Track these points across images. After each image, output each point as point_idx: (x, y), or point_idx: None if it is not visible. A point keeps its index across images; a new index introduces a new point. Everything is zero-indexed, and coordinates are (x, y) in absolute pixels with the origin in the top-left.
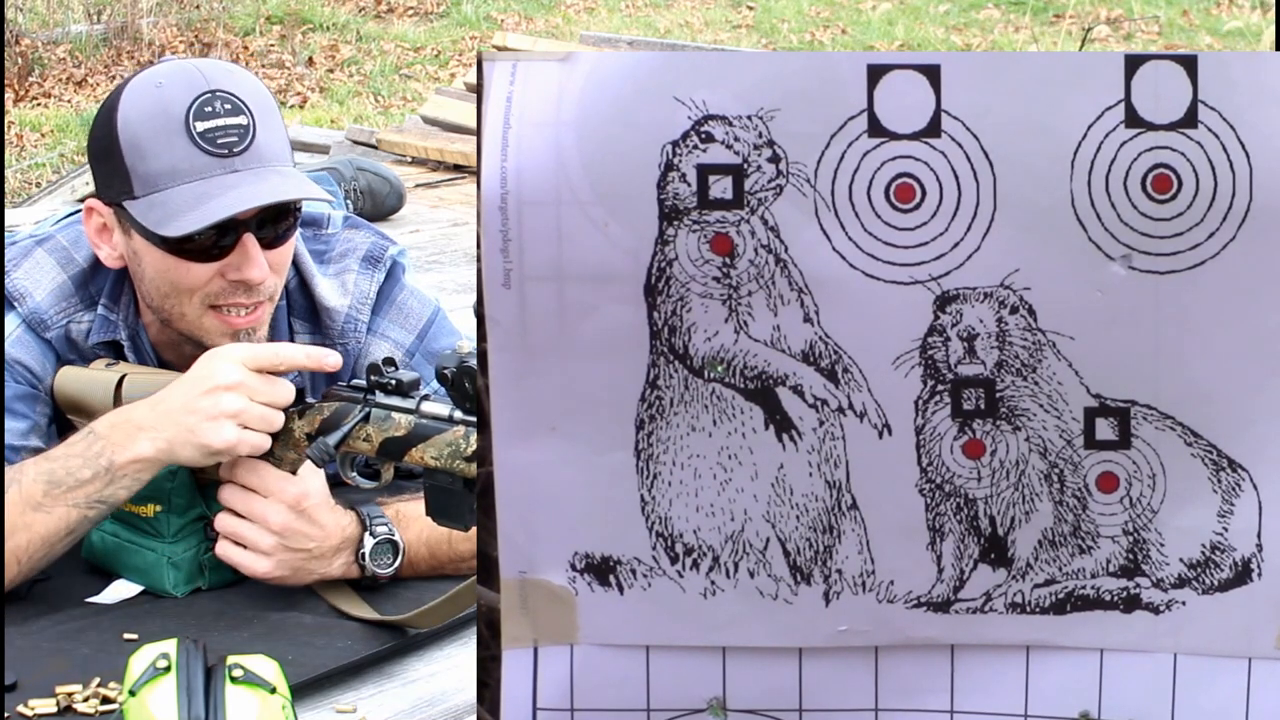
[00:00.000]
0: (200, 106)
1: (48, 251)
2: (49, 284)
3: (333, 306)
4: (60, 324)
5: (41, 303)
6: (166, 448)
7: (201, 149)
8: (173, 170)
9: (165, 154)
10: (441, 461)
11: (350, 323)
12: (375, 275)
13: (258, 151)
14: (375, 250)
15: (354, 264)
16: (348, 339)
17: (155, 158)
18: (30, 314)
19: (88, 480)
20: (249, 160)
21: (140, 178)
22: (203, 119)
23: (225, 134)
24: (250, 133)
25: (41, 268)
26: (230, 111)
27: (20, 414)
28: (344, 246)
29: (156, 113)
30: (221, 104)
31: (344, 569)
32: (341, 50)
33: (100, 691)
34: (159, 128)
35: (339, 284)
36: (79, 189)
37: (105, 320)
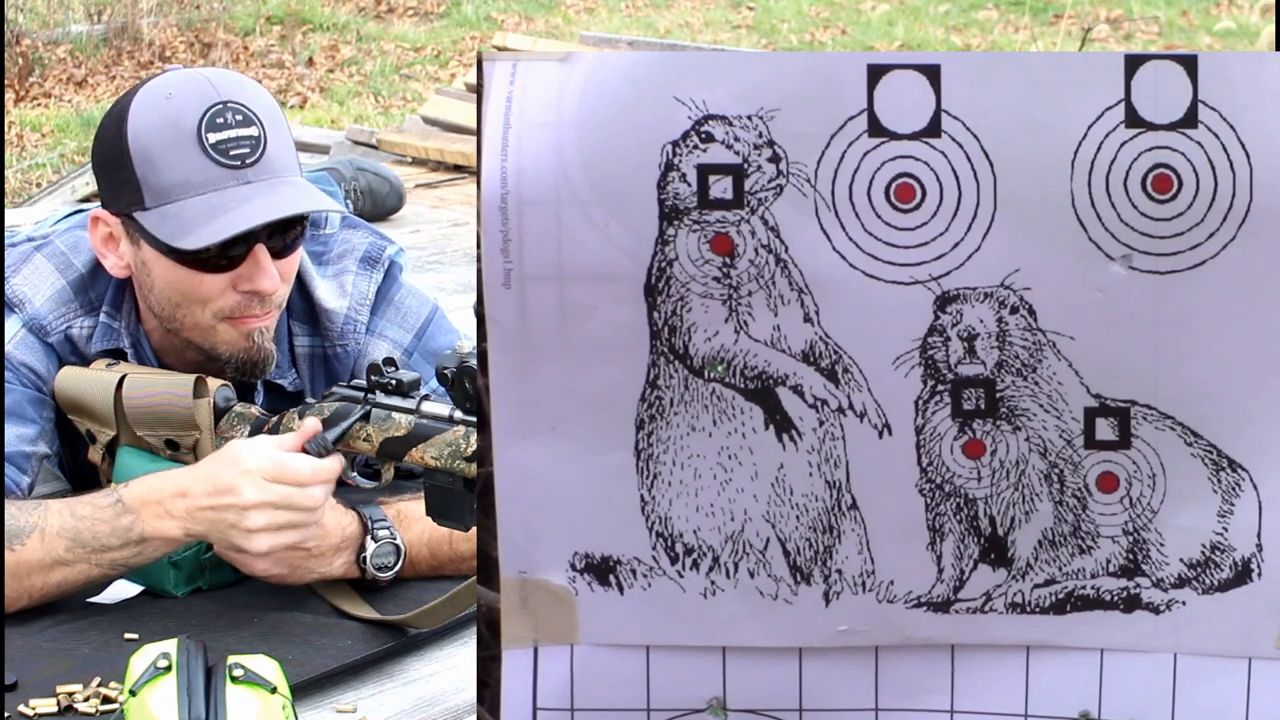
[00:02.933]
0: (212, 118)
1: (46, 257)
2: (48, 289)
3: (331, 308)
4: (60, 329)
5: (41, 308)
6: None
7: (214, 160)
8: (185, 182)
9: (178, 166)
10: (441, 461)
11: (349, 324)
12: (373, 276)
13: (269, 163)
14: (373, 251)
15: (352, 265)
16: (347, 340)
17: (168, 169)
18: (30, 320)
19: (115, 548)
20: (261, 171)
21: (152, 189)
22: (215, 130)
23: (238, 145)
24: (262, 144)
25: (40, 273)
26: (242, 123)
27: (29, 418)
28: (342, 248)
29: (168, 124)
30: (233, 115)
31: (345, 569)
32: (341, 50)
33: (101, 691)
34: (170, 139)
35: (337, 285)
36: (79, 189)
37: (108, 329)
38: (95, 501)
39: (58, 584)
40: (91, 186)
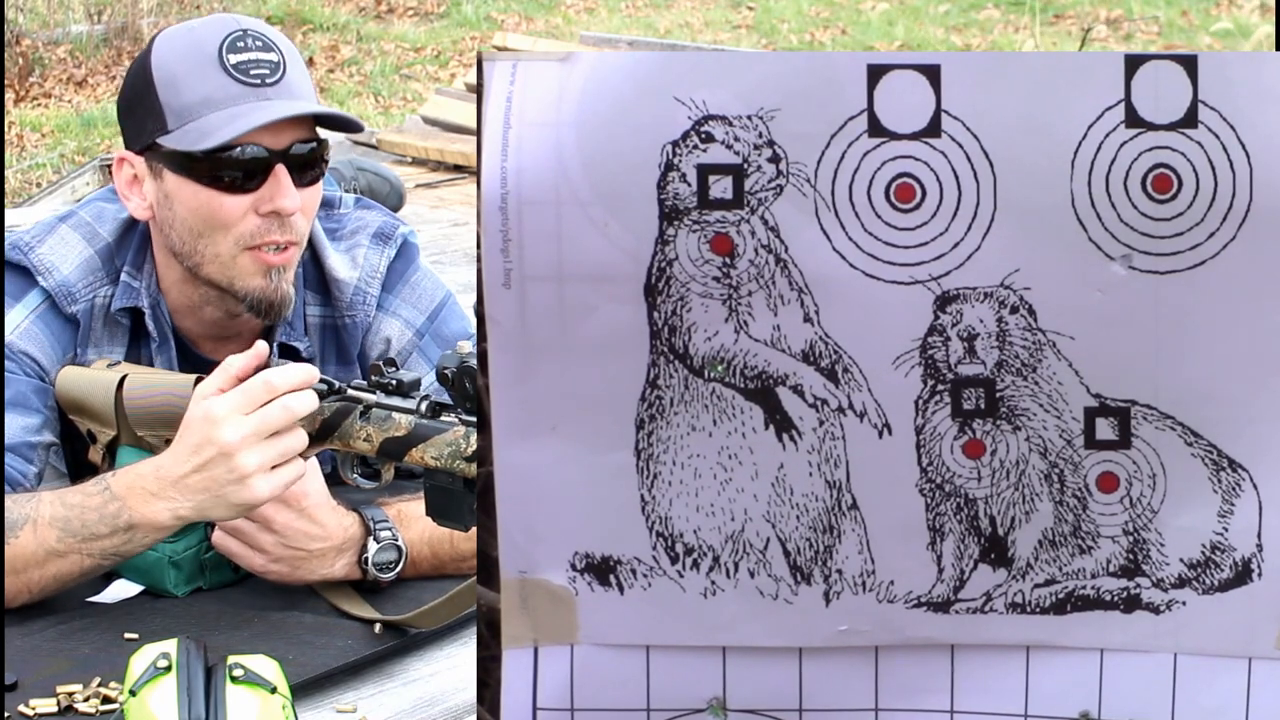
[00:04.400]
0: (233, 41)
1: (72, 227)
2: (75, 258)
3: (342, 279)
4: (87, 297)
5: (69, 275)
6: (191, 514)
7: (235, 79)
8: (206, 99)
9: (199, 85)
10: (441, 461)
11: (359, 295)
12: (385, 251)
13: (288, 85)
14: (386, 228)
15: (364, 240)
16: (356, 311)
17: (189, 90)
18: (57, 287)
19: (104, 535)
20: (280, 91)
21: (174, 111)
22: (236, 53)
23: (258, 66)
24: (282, 68)
25: (67, 242)
26: (262, 48)
27: (33, 408)
28: (355, 224)
29: (190, 49)
30: (253, 40)
31: (346, 570)
32: (342, 50)
33: (101, 691)
34: (193, 63)
35: (349, 258)
36: (79, 189)
37: (128, 287)
38: (84, 490)
39: (54, 576)
40: (91, 187)
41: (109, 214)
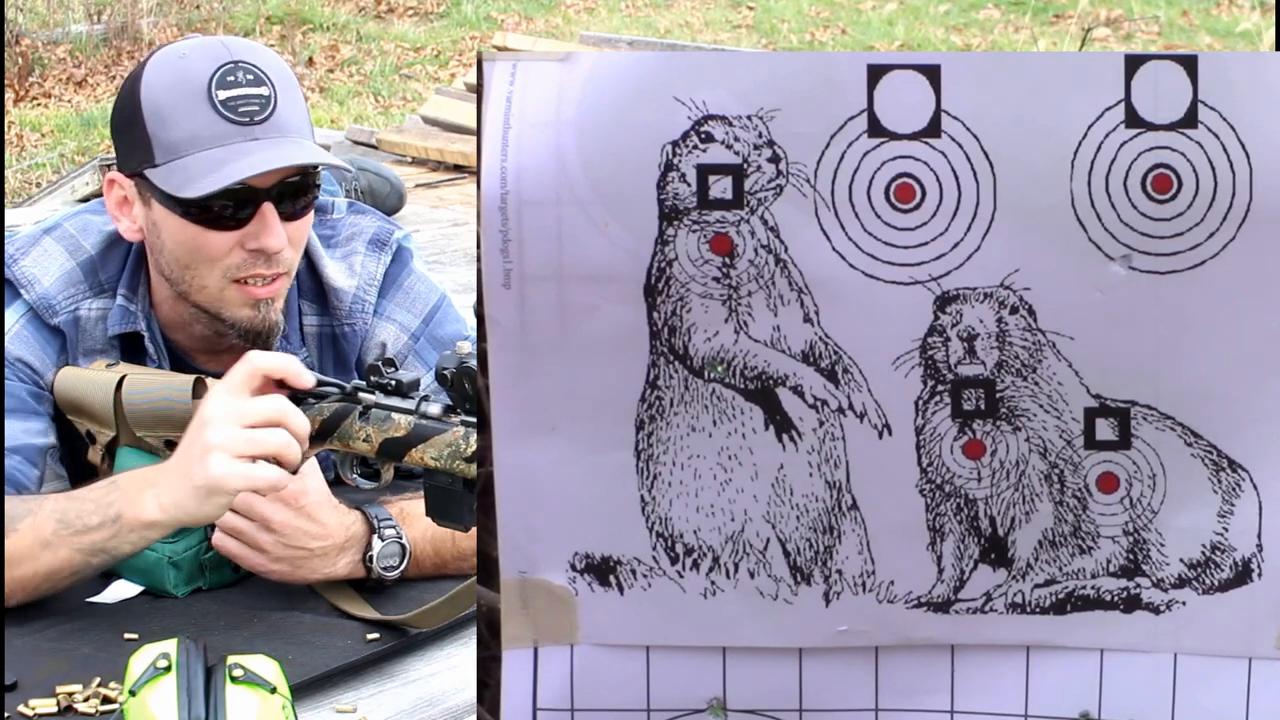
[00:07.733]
0: (223, 76)
1: (55, 239)
2: (56, 270)
3: (340, 287)
4: (69, 309)
5: (49, 289)
6: (170, 503)
7: (223, 116)
8: (193, 137)
9: (186, 121)
10: (441, 462)
11: (357, 303)
12: (381, 257)
13: (278, 122)
14: (381, 234)
15: (360, 246)
16: (354, 320)
17: (177, 125)
18: (38, 300)
19: (94, 528)
20: (269, 130)
21: (161, 145)
22: (225, 88)
23: (247, 103)
24: (271, 103)
25: (49, 255)
26: (252, 82)
27: (34, 411)
28: (350, 230)
29: (179, 81)
30: (244, 74)
31: (349, 569)
32: (341, 50)
33: (101, 691)
34: (181, 96)
35: (346, 266)
36: (79, 189)
37: (125, 311)
38: (93, 485)
39: (47, 573)
40: (91, 186)
41: (94, 226)
